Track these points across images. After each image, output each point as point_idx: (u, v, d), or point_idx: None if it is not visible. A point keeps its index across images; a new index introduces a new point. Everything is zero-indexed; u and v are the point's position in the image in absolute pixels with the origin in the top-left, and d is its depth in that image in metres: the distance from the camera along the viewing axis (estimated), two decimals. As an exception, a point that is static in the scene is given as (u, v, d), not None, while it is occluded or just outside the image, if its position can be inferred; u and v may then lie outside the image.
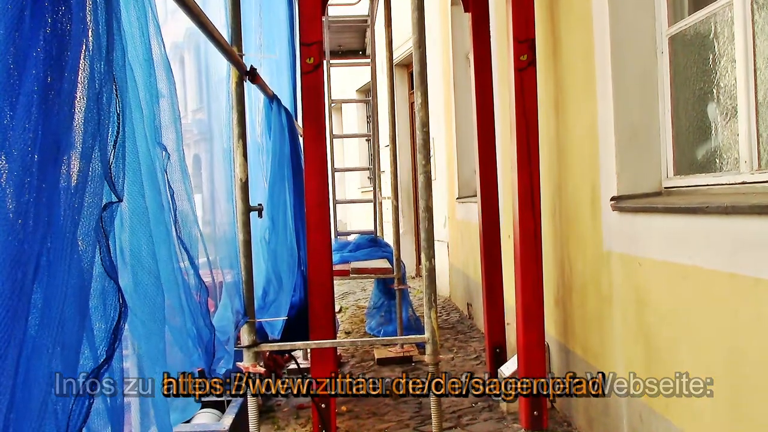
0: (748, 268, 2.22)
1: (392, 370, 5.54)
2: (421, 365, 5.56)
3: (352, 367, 5.73)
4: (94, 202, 1.14)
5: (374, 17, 7.19)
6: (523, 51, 3.83)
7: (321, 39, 3.79)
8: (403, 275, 6.13)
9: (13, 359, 0.92)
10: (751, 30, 2.53)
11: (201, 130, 3.78)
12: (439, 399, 3.24)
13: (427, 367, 3.28)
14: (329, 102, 6.53)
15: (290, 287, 4.05)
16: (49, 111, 1.04)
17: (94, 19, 1.23)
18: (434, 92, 8.28)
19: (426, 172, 3.21)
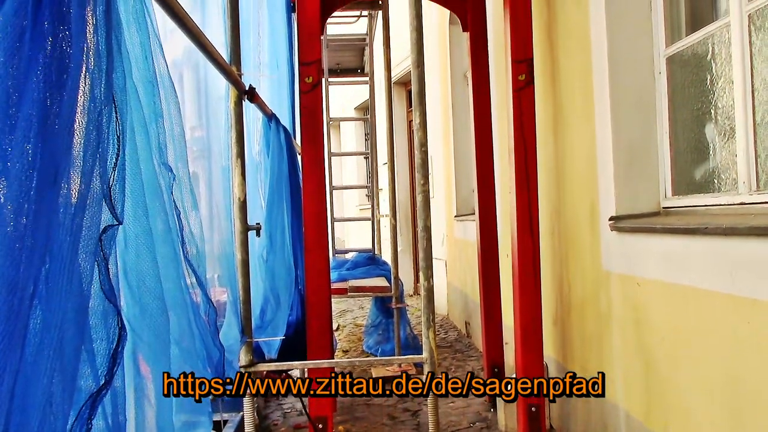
0: (747, 289, 2.22)
1: (390, 389, 5.51)
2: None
3: (350, 386, 5.69)
4: (93, 225, 1.13)
5: (373, 36, 7.22)
6: (522, 71, 3.84)
7: (320, 58, 3.80)
8: (401, 294, 6.12)
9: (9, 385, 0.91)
10: (749, 51, 2.54)
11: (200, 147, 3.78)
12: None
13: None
14: (327, 120, 6.54)
15: (287, 306, 4.04)
16: (48, 134, 1.03)
17: (95, 41, 1.23)
18: (432, 110, 8.30)
19: (424, 192, 3.21)
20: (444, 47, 8.27)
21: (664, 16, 3.15)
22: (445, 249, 8.63)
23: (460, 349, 6.87)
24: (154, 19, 1.67)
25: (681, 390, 2.68)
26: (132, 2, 1.51)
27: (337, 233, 7.37)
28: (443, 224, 8.63)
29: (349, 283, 5.99)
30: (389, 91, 6.46)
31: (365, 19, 7.30)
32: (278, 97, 5.20)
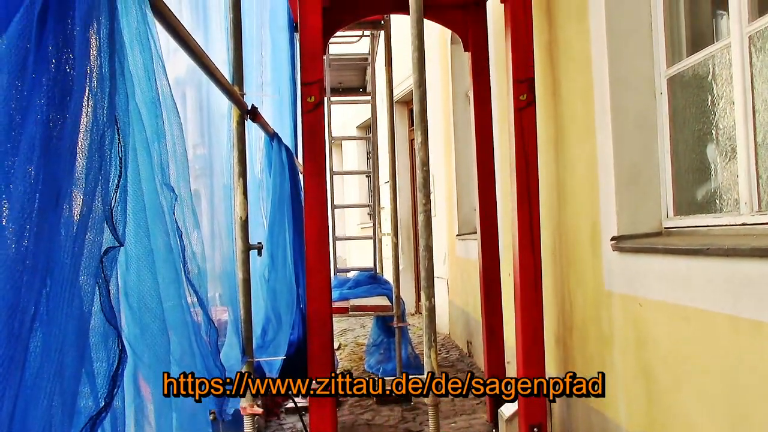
0: (750, 311, 2.21)
1: (391, 409, 5.48)
2: (420, 404, 5.50)
3: (351, 405, 5.67)
4: (94, 247, 1.13)
5: (375, 55, 7.26)
6: (523, 91, 3.86)
7: (322, 78, 3.82)
8: (402, 312, 6.10)
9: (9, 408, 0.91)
10: (749, 72, 2.55)
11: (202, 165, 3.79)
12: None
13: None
14: (329, 139, 6.56)
15: (289, 325, 4.03)
16: (51, 157, 1.04)
17: (98, 63, 1.24)
18: (434, 129, 8.33)
19: (426, 211, 3.21)
20: (446, 66, 8.30)
21: (664, 37, 3.17)
22: (446, 268, 8.62)
23: (461, 368, 6.84)
24: (157, 41, 1.68)
25: (683, 411, 2.67)
26: (136, 24, 1.52)
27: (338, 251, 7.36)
28: (445, 243, 8.62)
29: (351, 302, 5.99)
30: (391, 109, 6.48)
31: (367, 38, 7.34)
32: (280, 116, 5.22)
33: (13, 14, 1.05)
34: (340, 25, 4.81)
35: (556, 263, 4.13)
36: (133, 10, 1.51)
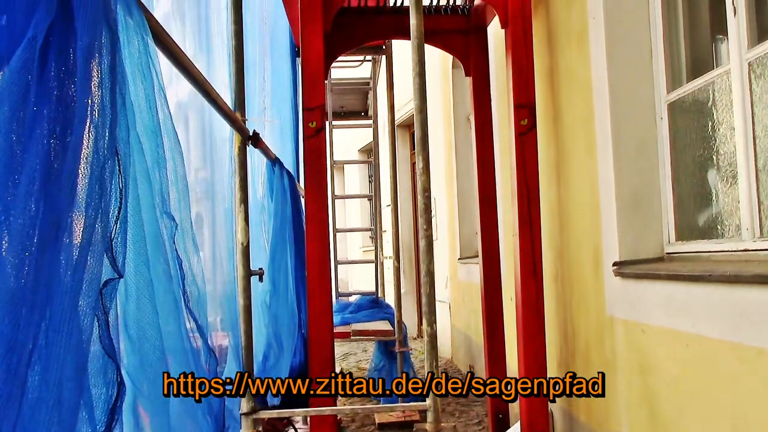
0: (752, 338, 2.20)
1: (393, 435, 5.44)
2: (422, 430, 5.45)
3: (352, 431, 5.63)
4: (94, 279, 1.13)
5: (376, 79, 7.29)
6: (524, 116, 3.87)
7: (323, 103, 3.84)
8: (404, 337, 6.07)
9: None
10: (749, 99, 2.56)
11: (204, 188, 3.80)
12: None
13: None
14: (331, 163, 6.58)
15: (291, 350, 4.01)
16: (51, 190, 1.04)
17: (99, 95, 1.25)
18: (435, 152, 8.35)
19: (427, 237, 3.21)
20: (447, 90, 8.34)
21: (665, 63, 3.18)
22: (448, 292, 8.60)
23: (464, 393, 6.79)
24: (159, 70, 1.69)
25: (688, 439, 2.64)
26: (137, 55, 1.53)
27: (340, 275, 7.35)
28: (447, 266, 8.61)
29: (352, 326, 5.96)
30: (393, 134, 6.50)
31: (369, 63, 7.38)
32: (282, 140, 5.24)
33: (15, 48, 1.06)
34: (342, 50, 4.83)
35: (558, 288, 4.12)
36: (135, 40, 1.53)
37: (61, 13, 1.13)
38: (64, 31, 1.13)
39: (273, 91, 5.06)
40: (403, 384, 4.16)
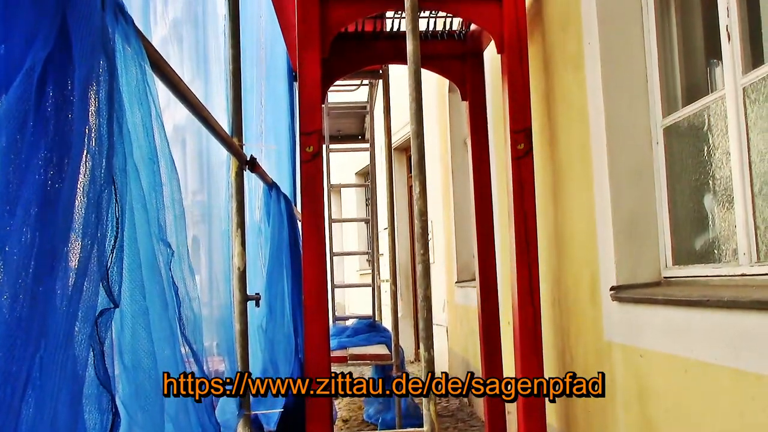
0: (751, 364, 2.19)
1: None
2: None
3: (350, 456, 5.58)
4: (89, 309, 1.12)
5: (373, 104, 7.32)
6: (520, 140, 3.88)
7: (320, 128, 3.85)
8: (402, 361, 6.05)
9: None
10: (744, 124, 2.57)
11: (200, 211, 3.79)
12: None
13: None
14: (328, 187, 6.58)
15: (287, 376, 3.99)
16: (47, 219, 1.03)
17: (97, 123, 1.25)
18: (433, 175, 8.36)
19: (424, 261, 3.20)
20: (444, 113, 8.37)
21: (660, 87, 3.20)
22: (446, 315, 8.57)
23: (462, 418, 6.75)
24: (156, 97, 1.69)
25: (687, 465, 2.62)
26: (135, 83, 1.54)
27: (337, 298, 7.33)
28: (444, 290, 8.59)
29: (349, 350, 5.94)
30: (389, 157, 6.52)
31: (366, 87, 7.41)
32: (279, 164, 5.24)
33: (13, 78, 1.06)
34: (339, 74, 4.85)
35: (555, 312, 4.11)
36: (133, 68, 1.53)
37: (60, 43, 1.13)
38: (62, 61, 1.13)
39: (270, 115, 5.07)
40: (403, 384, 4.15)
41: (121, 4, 1.48)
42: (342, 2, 3.97)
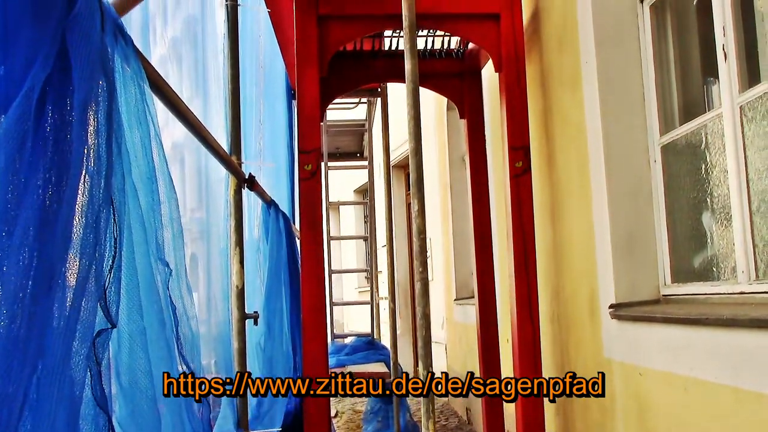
0: (751, 382, 2.18)
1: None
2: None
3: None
4: (87, 329, 1.12)
5: (372, 121, 7.34)
6: (519, 158, 3.89)
7: (319, 146, 3.86)
8: (400, 380, 6.01)
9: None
10: (742, 142, 2.58)
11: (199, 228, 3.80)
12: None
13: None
14: (327, 204, 6.58)
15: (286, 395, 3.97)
16: (46, 239, 1.03)
17: (96, 143, 1.25)
18: (431, 193, 8.36)
19: (423, 279, 3.19)
20: (442, 131, 8.39)
21: (657, 105, 3.21)
22: (444, 333, 8.54)
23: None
24: (155, 116, 1.70)
25: (688, 485, 2.61)
26: (134, 102, 1.54)
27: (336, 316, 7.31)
28: (443, 307, 8.57)
29: (348, 368, 5.91)
30: (388, 174, 6.52)
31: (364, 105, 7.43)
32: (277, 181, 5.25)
33: (13, 99, 1.06)
34: (337, 93, 4.87)
35: (554, 330, 4.10)
36: (132, 88, 1.54)
37: (59, 64, 1.14)
38: (62, 82, 1.14)
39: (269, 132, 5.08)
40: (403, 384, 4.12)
41: (120, 25, 1.49)
42: (340, 22, 3.99)
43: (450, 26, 4.16)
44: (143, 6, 2.65)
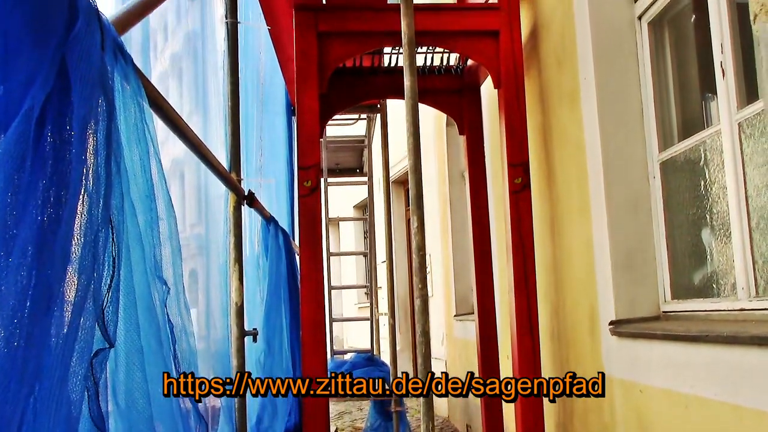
0: (752, 400, 2.17)
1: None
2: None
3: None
4: (85, 349, 1.12)
5: (371, 137, 7.35)
6: (518, 174, 3.90)
7: (318, 162, 3.86)
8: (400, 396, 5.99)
9: None
10: (741, 159, 2.58)
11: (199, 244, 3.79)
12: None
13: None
14: (326, 219, 6.58)
15: (285, 411, 3.96)
16: (44, 261, 1.03)
17: (95, 163, 1.25)
18: (431, 208, 8.37)
19: (423, 296, 3.19)
20: (441, 147, 8.41)
21: (656, 122, 3.22)
22: (444, 348, 8.52)
23: (461, 452, 6.67)
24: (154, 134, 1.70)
25: (689, 503, 2.59)
26: (134, 121, 1.54)
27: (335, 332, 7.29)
28: (442, 323, 8.54)
29: (348, 385, 5.88)
30: (387, 190, 6.53)
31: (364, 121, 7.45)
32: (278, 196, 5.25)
33: (12, 118, 1.06)
34: (337, 109, 4.88)
35: (554, 346, 4.09)
36: (132, 107, 1.54)
37: (59, 84, 1.14)
38: (62, 102, 1.14)
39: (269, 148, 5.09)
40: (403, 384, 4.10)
41: (120, 44, 1.49)
42: (340, 38, 4.01)
43: (449, 43, 4.17)
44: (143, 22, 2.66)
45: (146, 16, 1.96)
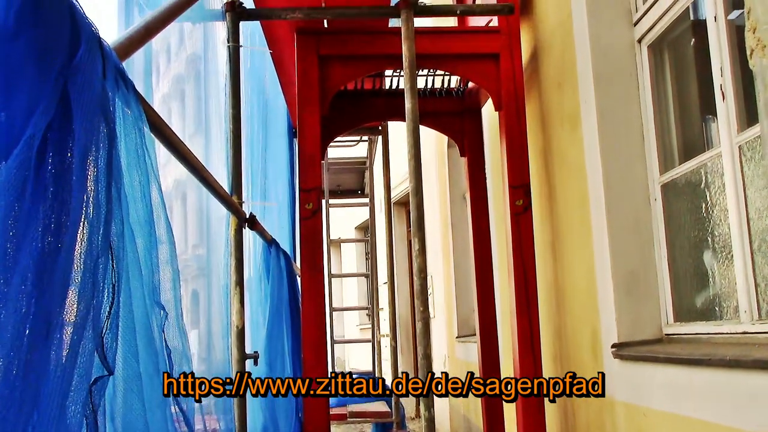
0: (756, 424, 2.16)
1: None
2: None
3: None
4: (84, 377, 1.11)
5: (372, 159, 7.37)
6: (519, 196, 3.90)
7: (320, 185, 3.87)
8: (402, 419, 5.96)
9: None
10: (742, 182, 2.58)
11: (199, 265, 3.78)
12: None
13: None
14: (327, 241, 6.58)
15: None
16: (44, 287, 1.03)
17: (95, 191, 1.25)
18: (432, 230, 8.37)
19: (424, 319, 3.19)
20: (443, 169, 8.42)
21: (656, 144, 3.22)
22: (446, 370, 8.48)
23: (463, 476, 6.62)
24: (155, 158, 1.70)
25: None
26: (134, 146, 1.55)
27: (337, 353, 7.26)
28: (444, 345, 8.51)
29: (349, 407, 5.86)
30: (389, 212, 6.54)
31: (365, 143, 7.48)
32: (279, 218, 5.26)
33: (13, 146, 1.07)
34: (338, 131, 4.90)
35: (557, 368, 4.07)
36: (133, 133, 1.54)
37: (60, 111, 1.14)
38: (63, 129, 1.14)
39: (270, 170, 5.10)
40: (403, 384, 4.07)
41: (122, 70, 1.50)
42: (341, 62, 4.04)
43: (450, 66, 4.20)
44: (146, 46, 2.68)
45: (148, 42, 1.98)
